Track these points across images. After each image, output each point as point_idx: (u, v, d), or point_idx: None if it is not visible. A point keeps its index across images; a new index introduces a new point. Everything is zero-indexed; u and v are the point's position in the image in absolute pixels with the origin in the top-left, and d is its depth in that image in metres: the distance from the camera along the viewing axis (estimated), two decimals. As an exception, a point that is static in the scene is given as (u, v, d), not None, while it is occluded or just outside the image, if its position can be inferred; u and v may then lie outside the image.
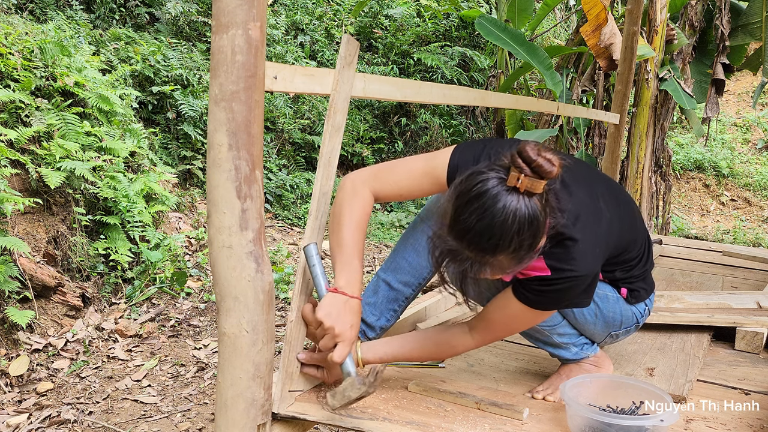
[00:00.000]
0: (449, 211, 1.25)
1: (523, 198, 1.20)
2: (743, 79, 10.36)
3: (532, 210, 1.20)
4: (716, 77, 5.64)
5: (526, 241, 1.22)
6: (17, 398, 2.70)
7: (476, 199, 1.21)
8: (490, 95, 2.80)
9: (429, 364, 1.77)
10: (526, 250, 1.24)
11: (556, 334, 1.59)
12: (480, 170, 1.24)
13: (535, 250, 1.26)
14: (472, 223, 1.20)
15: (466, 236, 1.22)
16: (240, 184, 1.24)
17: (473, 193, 1.22)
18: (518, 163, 1.20)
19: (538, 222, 1.22)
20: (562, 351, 1.62)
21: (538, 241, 1.25)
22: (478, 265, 1.24)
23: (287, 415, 1.40)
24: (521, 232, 1.20)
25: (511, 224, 1.19)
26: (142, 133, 4.28)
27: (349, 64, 1.46)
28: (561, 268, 1.33)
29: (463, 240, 1.23)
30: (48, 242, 3.37)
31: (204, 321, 3.51)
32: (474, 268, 1.25)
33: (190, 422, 2.59)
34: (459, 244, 1.24)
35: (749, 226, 7.87)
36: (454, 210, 1.24)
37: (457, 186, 1.26)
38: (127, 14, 6.22)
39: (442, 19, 8.32)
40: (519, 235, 1.20)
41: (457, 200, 1.24)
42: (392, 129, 7.45)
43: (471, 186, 1.23)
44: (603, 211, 1.44)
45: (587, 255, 1.36)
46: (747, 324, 2.02)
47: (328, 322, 1.37)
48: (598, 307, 1.57)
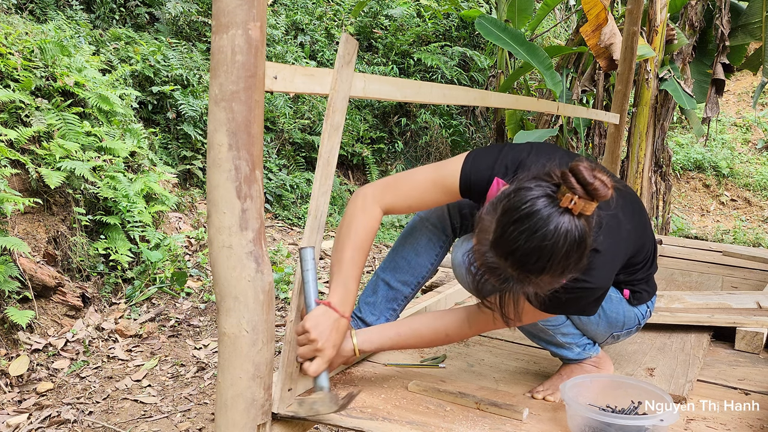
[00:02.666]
0: (493, 228, 1.20)
1: (574, 219, 1.16)
2: (743, 79, 10.36)
3: (582, 232, 1.17)
4: (716, 77, 5.64)
5: (573, 263, 1.19)
6: (17, 398, 2.70)
7: (526, 218, 1.16)
8: (490, 95, 2.80)
9: (429, 364, 1.77)
10: (570, 272, 1.21)
11: (560, 333, 1.59)
12: (527, 186, 1.19)
13: (577, 271, 1.22)
14: (520, 243, 1.16)
15: (511, 256, 1.18)
16: (240, 184, 1.24)
17: (523, 212, 1.16)
18: (572, 184, 1.15)
19: (586, 243, 1.19)
20: (564, 351, 1.63)
21: (584, 262, 1.22)
22: (520, 284, 1.21)
23: (287, 415, 1.40)
24: (569, 255, 1.17)
25: (561, 246, 1.15)
26: (142, 133, 4.28)
27: (348, 63, 1.46)
28: (578, 278, 1.30)
29: (507, 259, 1.18)
30: (48, 242, 3.37)
31: (204, 321, 3.51)
32: (515, 287, 1.22)
33: (190, 422, 2.59)
34: (502, 262, 1.19)
35: (749, 226, 7.87)
36: (500, 227, 1.19)
37: (501, 201, 1.21)
38: (127, 14, 6.22)
39: (442, 19, 8.32)
40: (567, 258, 1.17)
41: (504, 217, 1.19)
42: (392, 129, 7.45)
43: (520, 204, 1.17)
44: (623, 223, 1.43)
45: (605, 268, 1.36)
46: (747, 324, 2.02)
47: (314, 333, 1.37)
48: (602, 308, 1.57)
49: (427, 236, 1.68)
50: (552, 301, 1.35)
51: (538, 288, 1.23)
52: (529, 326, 1.61)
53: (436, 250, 1.70)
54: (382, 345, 1.54)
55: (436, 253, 1.70)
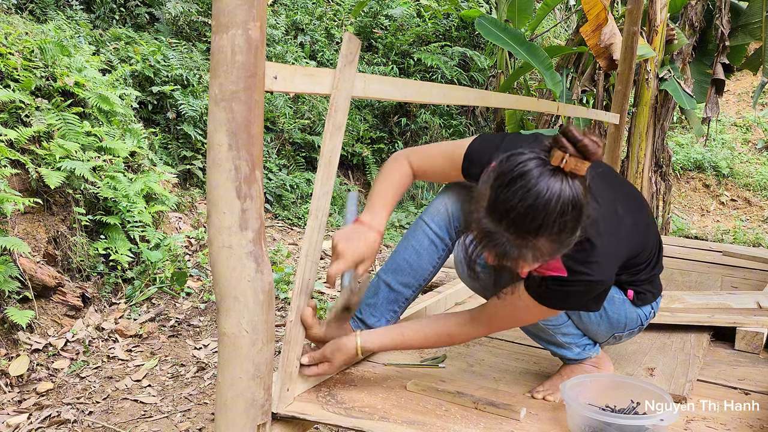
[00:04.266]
0: (487, 193, 1.21)
1: (567, 179, 1.16)
2: (743, 79, 10.35)
3: (576, 192, 1.17)
4: (716, 77, 5.64)
5: (569, 224, 1.18)
6: (17, 398, 2.70)
7: (519, 178, 1.17)
8: (490, 95, 2.80)
9: (429, 364, 1.77)
10: (567, 234, 1.20)
11: (560, 333, 1.59)
12: (520, 152, 1.20)
13: (575, 236, 1.22)
14: (514, 203, 1.16)
15: (507, 217, 1.17)
16: (240, 184, 1.24)
17: (515, 173, 1.18)
18: (562, 143, 1.17)
19: (581, 205, 1.19)
20: (564, 351, 1.63)
21: (579, 227, 1.21)
22: (516, 249, 1.19)
23: (287, 415, 1.40)
24: (564, 214, 1.16)
25: (555, 204, 1.15)
26: (142, 133, 4.28)
27: (351, 63, 1.46)
28: (578, 271, 1.31)
29: (502, 221, 1.18)
30: (48, 242, 3.37)
31: (204, 321, 3.51)
32: (511, 253, 1.20)
33: (190, 422, 2.59)
34: (498, 227, 1.19)
35: (749, 226, 7.87)
36: (493, 191, 1.20)
37: (495, 169, 1.23)
38: (127, 14, 6.22)
39: (442, 19, 8.32)
40: (562, 217, 1.16)
41: (497, 181, 1.20)
42: (392, 129, 7.45)
43: (512, 166, 1.19)
44: (624, 218, 1.43)
45: (606, 261, 1.36)
46: (747, 324, 2.02)
47: (340, 245, 1.47)
48: (604, 308, 1.56)
49: (429, 239, 1.68)
50: (552, 294, 1.36)
51: (537, 255, 1.21)
52: (530, 325, 1.61)
53: (439, 252, 1.70)
54: (384, 345, 1.55)
55: (438, 255, 1.70)
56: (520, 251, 1.20)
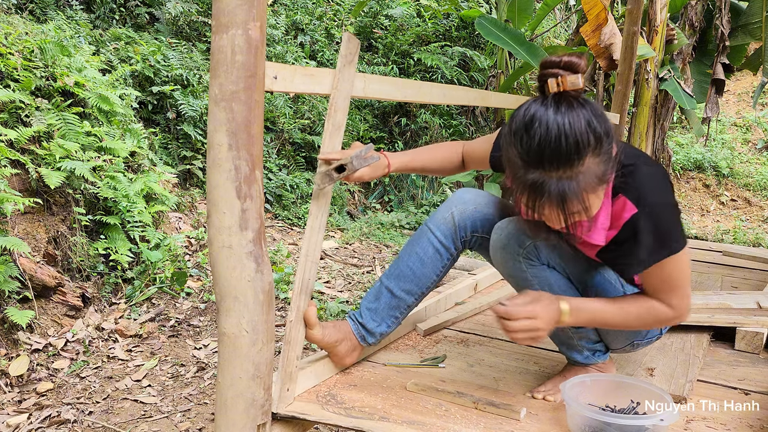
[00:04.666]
0: (515, 153, 1.23)
1: (569, 96, 1.20)
2: (743, 79, 10.35)
3: (585, 101, 1.21)
4: (716, 77, 5.64)
5: (600, 129, 1.19)
6: (17, 398, 2.70)
7: (531, 122, 1.19)
8: (490, 95, 2.80)
9: (429, 364, 1.77)
10: (606, 141, 1.20)
11: (579, 336, 1.58)
12: (518, 108, 1.25)
13: (611, 141, 1.22)
14: (542, 141, 1.17)
15: (544, 156, 1.18)
16: (240, 184, 1.24)
17: (527, 119, 1.20)
18: (548, 72, 1.22)
19: (599, 110, 1.22)
20: (575, 353, 1.62)
21: (611, 135, 1.22)
22: (573, 183, 1.18)
23: (287, 415, 1.40)
24: (591, 124, 1.18)
25: (577, 120, 1.17)
26: (142, 133, 4.28)
27: (350, 63, 1.46)
28: (641, 194, 1.32)
29: (543, 163, 1.18)
30: (48, 242, 3.37)
31: (204, 321, 3.51)
32: (570, 191, 1.18)
33: (190, 422, 2.59)
34: (542, 173, 1.19)
35: (749, 226, 7.87)
36: (519, 145, 1.21)
37: (506, 132, 1.26)
38: (127, 14, 6.22)
39: (442, 19, 8.32)
40: (591, 127, 1.18)
41: (516, 135, 1.22)
42: (392, 129, 7.45)
43: (520, 117, 1.22)
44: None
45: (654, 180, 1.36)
46: (747, 324, 2.02)
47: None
48: None
49: (434, 247, 1.68)
50: (662, 236, 1.33)
51: (593, 180, 1.20)
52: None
53: (443, 261, 1.69)
54: (592, 317, 1.43)
55: (443, 264, 1.69)
56: (577, 183, 1.19)
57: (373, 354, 1.84)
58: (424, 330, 2.04)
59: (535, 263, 1.49)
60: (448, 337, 2.04)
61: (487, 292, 2.58)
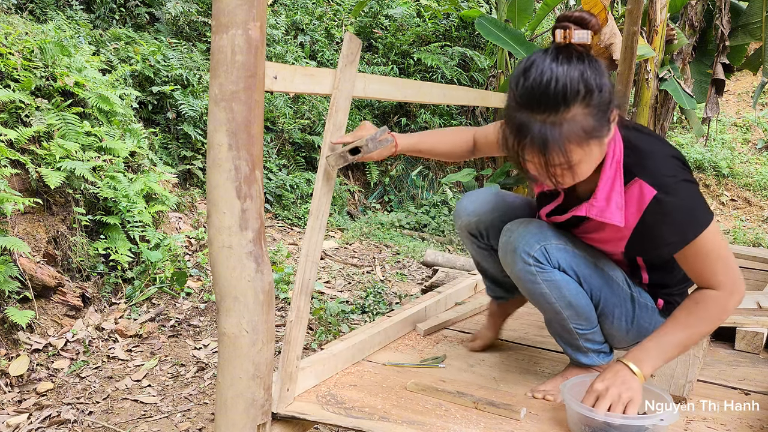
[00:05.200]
0: (510, 95, 1.26)
1: (572, 48, 1.22)
2: (743, 79, 10.35)
3: (584, 55, 1.22)
4: (716, 77, 5.63)
5: (594, 85, 1.19)
6: (17, 398, 2.70)
7: (532, 66, 1.22)
8: (490, 95, 2.80)
9: (429, 364, 1.77)
10: (599, 98, 1.20)
11: (586, 339, 1.57)
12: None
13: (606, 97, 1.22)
14: (534, 82, 1.19)
15: (533, 98, 1.19)
16: (240, 184, 1.24)
17: (527, 64, 1.23)
18: (559, 24, 1.25)
19: (600, 68, 1.22)
20: (580, 355, 1.61)
21: (606, 92, 1.22)
22: (555, 129, 1.18)
23: (287, 415, 1.40)
24: (585, 75, 1.18)
25: (572, 70, 1.18)
26: (142, 133, 4.28)
27: (351, 63, 1.46)
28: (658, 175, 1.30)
29: (531, 104, 1.20)
30: (48, 242, 3.37)
31: (204, 321, 3.51)
32: (553, 138, 1.18)
33: (190, 422, 2.59)
34: (528, 114, 1.21)
35: (749, 226, 7.87)
36: (514, 88, 1.24)
37: (511, 79, 1.29)
38: (127, 14, 6.22)
39: (442, 19, 8.32)
40: (583, 78, 1.18)
41: (514, 79, 1.25)
42: (392, 129, 7.45)
43: (522, 62, 1.25)
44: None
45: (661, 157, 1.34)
46: (747, 324, 2.02)
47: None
48: (635, 315, 1.55)
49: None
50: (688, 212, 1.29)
51: (578, 131, 1.20)
52: (558, 324, 1.57)
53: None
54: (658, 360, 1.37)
55: None
56: (560, 131, 1.19)
57: (373, 354, 1.84)
58: (424, 330, 2.04)
59: (546, 267, 1.47)
60: (448, 337, 2.04)
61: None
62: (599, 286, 1.51)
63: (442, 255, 4.09)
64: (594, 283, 1.51)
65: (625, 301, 1.53)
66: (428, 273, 4.52)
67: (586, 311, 1.51)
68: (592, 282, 1.51)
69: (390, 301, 3.97)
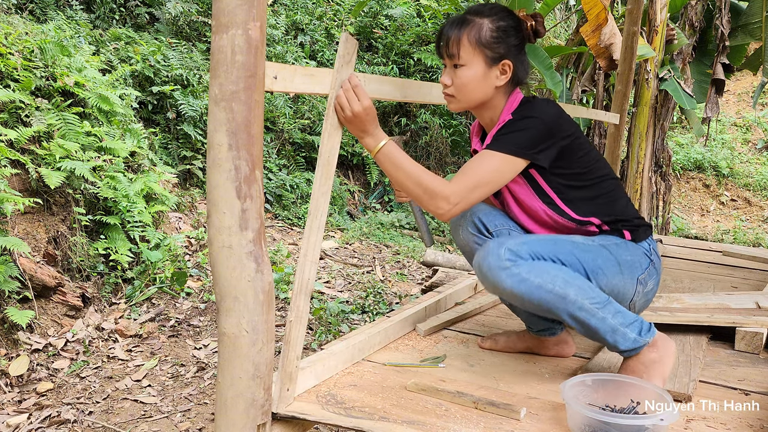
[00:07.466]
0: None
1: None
2: (743, 79, 10.35)
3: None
4: (716, 77, 5.63)
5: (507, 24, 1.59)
6: (17, 398, 2.70)
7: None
8: (490, 95, 2.78)
9: (429, 364, 1.77)
10: (504, 31, 1.59)
11: (607, 312, 1.53)
12: None
13: (507, 29, 1.59)
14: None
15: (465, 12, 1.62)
16: (240, 184, 1.24)
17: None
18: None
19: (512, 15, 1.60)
20: (619, 339, 1.55)
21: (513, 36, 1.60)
22: (458, 26, 1.58)
23: (287, 415, 1.40)
24: (509, 13, 1.59)
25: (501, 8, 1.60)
26: (142, 133, 4.28)
27: (348, 63, 1.46)
28: (522, 115, 1.59)
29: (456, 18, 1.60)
30: (48, 242, 3.37)
31: (204, 321, 3.51)
32: (452, 26, 1.59)
33: (190, 422, 2.59)
34: (450, 25, 1.61)
35: (749, 226, 7.87)
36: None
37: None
38: (127, 14, 6.22)
39: (442, 19, 8.31)
40: (506, 12, 1.59)
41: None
42: (392, 129, 7.45)
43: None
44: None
45: (544, 105, 1.61)
46: (746, 324, 2.02)
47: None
48: (613, 254, 1.62)
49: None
50: (505, 139, 1.57)
51: (473, 32, 1.57)
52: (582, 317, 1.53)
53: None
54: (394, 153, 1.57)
55: None
56: (461, 28, 1.57)
57: (373, 354, 1.84)
58: (424, 330, 2.04)
59: (519, 260, 1.52)
60: (448, 337, 2.04)
61: (487, 292, 2.58)
62: (569, 251, 1.58)
63: (442, 255, 4.09)
64: (564, 251, 1.58)
65: (598, 250, 1.62)
66: (428, 273, 4.52)
67: (581, 281, 1.54)
68: (562, 252, 1.57)
69: (390, 301, 3.98)
